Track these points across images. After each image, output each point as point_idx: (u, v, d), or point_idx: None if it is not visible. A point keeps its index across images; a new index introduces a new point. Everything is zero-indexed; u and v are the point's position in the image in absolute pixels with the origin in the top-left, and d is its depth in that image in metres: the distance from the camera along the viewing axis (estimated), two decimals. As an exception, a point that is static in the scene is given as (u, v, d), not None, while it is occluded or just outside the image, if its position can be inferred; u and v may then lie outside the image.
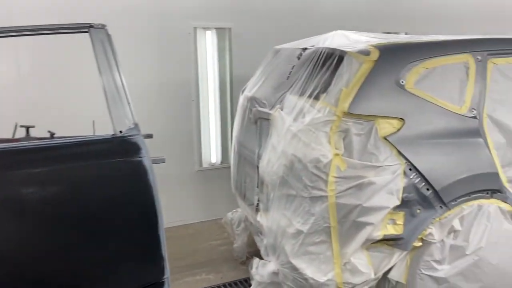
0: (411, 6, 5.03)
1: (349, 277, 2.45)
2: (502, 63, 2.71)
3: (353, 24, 4.42)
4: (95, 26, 1.89)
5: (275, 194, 2.60)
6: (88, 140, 1.80)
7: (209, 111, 4.27)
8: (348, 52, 2.49)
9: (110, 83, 1.84)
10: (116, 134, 1.81)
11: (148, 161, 1.80)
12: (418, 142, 2.38)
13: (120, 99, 1.84)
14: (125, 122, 1.84)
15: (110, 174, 1.75)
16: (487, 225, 2.46)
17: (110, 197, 1.75)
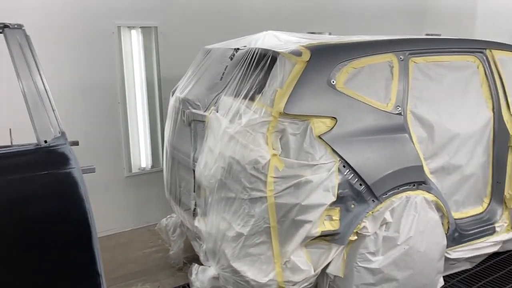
0: (333, 7, 5.20)
1: (290, 276, 2.47)
2: (421, 62, 2.89)
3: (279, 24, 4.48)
4: (11, 26, 1.71)
5: (214, 198, 2.55)
6: (8, 152, 1.62)
7: (137, 113, 4.10)
8: (281, 52, 2.51)
9: (31, 88, 1.67)
10: (40, 145, 1.66)
11: (78, 172, 1.67)
12: (350, 139, 2.46)
13: (44, 105, 1.69)
14: (50, 130, 1.69)
15: (36, 189, 1.59)
16: (415, 215, 2.62)
17: (37, 215, 1.59)
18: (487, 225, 3.18)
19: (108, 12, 3.77)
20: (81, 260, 1.71)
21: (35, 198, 1.60)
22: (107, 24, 3.77)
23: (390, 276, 2.57)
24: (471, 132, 3.04)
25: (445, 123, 2.91)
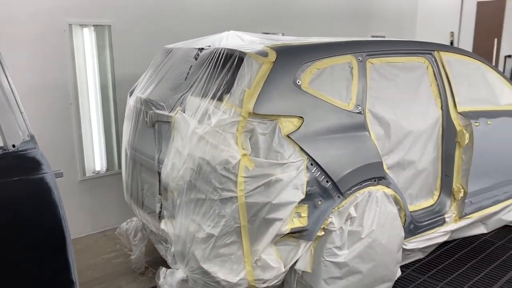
0: (284, 9, 5.29)
1: (261, 274, 2.50)
2: (377, 63, 3.03)
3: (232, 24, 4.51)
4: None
5: (182, 200, 2.53)
6: (-27, 158, 1.52)
7: (91, 114, 3.95)
8: (248, 53, 2.53)
9: (-4, 90, 1.58)
10: (8, 149, 1.56)
11: (51, 177, 1.59)
12: (317, 138, 2.53)
13: (11, 107, 1.59)
14: (19, 134, 1.60)
15: (6, 197, 1.50)
16: (376, 210, 2.74)
17: (8, 223, 1.50)
18: (438, 216, 3.38)
19: (59, 9, 3.60)
20: (56, 268, 1.63)
21: (5, 206, 1.50)
22: (58, 22, 3.61)
23: (355, 268, 2.67)
24: (423, 129, 3.22)
25: (400, 121, 3.06)
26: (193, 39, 3.28)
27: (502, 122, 3.60)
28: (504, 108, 3.72)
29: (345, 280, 2.67)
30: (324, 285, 2.62)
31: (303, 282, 2.70)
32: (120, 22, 3.93)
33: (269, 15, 5.15)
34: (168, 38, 4.08)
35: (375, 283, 2.82)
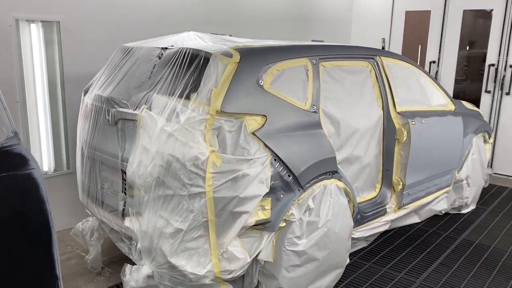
0: (231, 11, 5.42)
1: (227, 265, 2.62)
2: (329, 66, 3.27)
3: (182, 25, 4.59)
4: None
5: (150, 196, 2.57)
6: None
7: (38, 113, 3.81)
8: (213, 53, 2.64)
9: (-21, 85, 1.55)
10: (-8, 146, 1.55)
11: (38, 173, 1.60)
12: (279, 135, 2.70)
13: (-6, 104, 1.58)
14: (3, 130, 1.58)
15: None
16: (330, 201, 2.96)
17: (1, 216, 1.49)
18: (380, 207, 3.70)
19: (4, 3, 3.45)
20: (42, 262, 1.63)
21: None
22: (2, 17, 3.45)
23: (313, 256, 2.88)
24: (367, 127, 3.51)
25: (348, 120, 3.33)
26: (152, 39, 3.32)
27: (434, 121, 4.01)
28: (435, 108, 4.14)
29: (304, 268, 2.86)
30: (285, 273, 2.79)
31: (265, 271, 2.85)
32: (70, 18, 3.84)
33: (216, 17, 5.26)
34: (119, 37, 4.05)
35: (329, 270, 3.05)
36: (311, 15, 6.67)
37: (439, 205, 4.48)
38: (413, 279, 3.42)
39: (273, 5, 5.99)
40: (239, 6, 5.51)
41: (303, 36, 6.61)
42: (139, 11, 4.38)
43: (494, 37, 6.14)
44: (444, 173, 4.28)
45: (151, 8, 4.49)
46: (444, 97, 4.38)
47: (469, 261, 3.73)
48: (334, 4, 7.04)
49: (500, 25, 6.06)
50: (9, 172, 1.53)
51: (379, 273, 3.50)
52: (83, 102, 3.33)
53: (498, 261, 3.73)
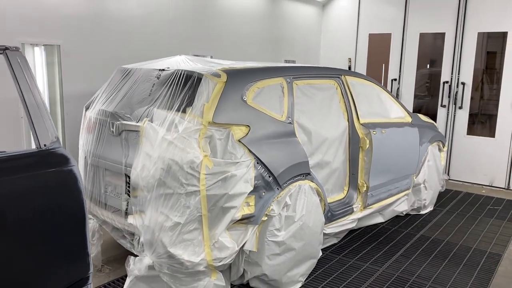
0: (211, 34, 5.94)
1: (218, 254, 3.06)
2: (301, 84, 3.81)
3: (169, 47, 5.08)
4: (10, 49, 1.99)
5: (152, 195, 3.01)
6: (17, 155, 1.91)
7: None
8: (205, 74, 3.13)
9: (31, 100, 1.98)
10: (41, 148, 1.98)
11: (77, 169, 2.04)
12: (261, 142, 3.20)
13: (42, 115, 2.01)
14: (48, 136, 2.02)
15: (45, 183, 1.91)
16: (305, 199, 3.46)
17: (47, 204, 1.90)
18: (348, 207, 4.23)
19: (12, 29, 3.86)
20: (77, 241, 2.06)
21: (45, 190, 1.92)
22: (11, 41, 3.85)
23: (291, 246, 3.35)
24: (335, 137, 4.05)
25: (318, 130, 3.86)
26: (149, 61, 3.78)
27: (393, 131, 4.59)
28: (393, 120, 4.74)
29: (283, 256, 3.33)
30: (267, 260, 3.26)
31: (249, 260, 3.31)
32: (68, 42, 4.26)
33: (199, 41, 5.77)
34: (114, 59, 4.51)
35: (304, 259, 3.53)
36: (284, 38, 7.27)
37: (400, 206, 5.05)
38: (377, 268, 3.94)
39: (249, 29, 6.56)
40: (219, 31, 6.05)
41: (277, 57, 7.20)
42: (133, 36, 4.85)
43: (447, 57, 6.88)
44: (403, 177, 4.86)
45: (143, 33, 4.96)
46: (402, 111, 4.99)
47: (426, 252, 4.29)
48: (304, 28, 7.68)
49: (452, 47, 6.81)
50: (55, 168, 1.97)
51: (348, 264, 4.00)
52: (85, 116, 3.75)
53: (450, 252, 4.30)
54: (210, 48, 5.95)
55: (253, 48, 6.70)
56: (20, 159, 1.91)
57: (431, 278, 3.76)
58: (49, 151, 2.00)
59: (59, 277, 2.01)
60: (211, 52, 5.92)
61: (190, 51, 5.46)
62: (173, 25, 5.33)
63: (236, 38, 6.34)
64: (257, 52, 6.79)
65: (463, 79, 6.76)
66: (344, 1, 7.80)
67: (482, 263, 4.08)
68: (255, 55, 6.70)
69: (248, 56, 6.51)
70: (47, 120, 2.03)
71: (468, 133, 6.85)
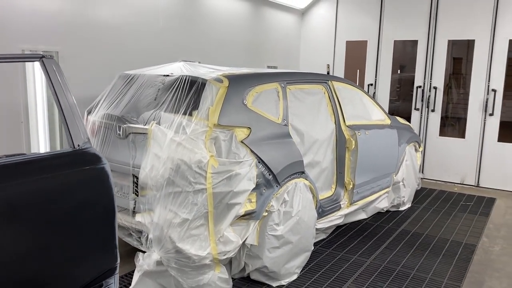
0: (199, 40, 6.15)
1: (223, 248, 3.27)
2: (293, 89, 4.07)
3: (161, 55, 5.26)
4: (46, 57, 2.15)
5: (161, 194, 3.18)
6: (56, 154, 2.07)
7: (38, 132, 4.29)
8: (208, 80, 3.35)
9: (66, 104, 2.15)
10: (75, 148, 2.15)
11: (108, 167, 2.21)
12: (261, 143, 3.43)
13: (75, 118, 2.18)
14: (81, 137, 2.19)
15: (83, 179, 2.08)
16: (300, 196, 3.71)
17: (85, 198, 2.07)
18: (335, 203, 4.51)
19: (13, 36, 3.96)
20: (108, 234, 2.23)
21: (82, 186, 2.09)
22: (11, 48, 3.95)
23: (288, 239, 3.60)
24: (324, 138, 4.33)
25: (310, 132, 4.13)
26: (150, 67, 3.96)
27: (375, 133, 4.92)
28: (375, 122, 5.07)
29: (281, 249, 3.57)
30: (267, 253, 3.49)
31: (251, 253, 3.52)
32: (66, 49, 4.38)
33: (186, 46, 5.96)
34: (107, 65, 4.65)
35: (300, 252, 3.78)
36: (265, 44, 7.55)
37: (382, 203, 5.38)
38: (365, 259, 4.23)
39: (233, 36, 6.81)
40: (205, 37, 6.26)
41: (259, 63, 7.46)
42: (126, 43, 5.00)
43: (420, 63, 7.32)
44: (384, 175, 5.20)
45: (135, 40, 5.12)
46: (382, 114, 5.34)
47: (408, 245, 4.62)
48: (285, 34, 7.99)
49: (424, 53, 7.25)
50: (90, 166, 2.15)
51: (338, 256, 4.28)
52: (87, 120, 3.88)
53: (430, 244, 4.64)
54: (197, 54, 6.14)
55: (237, 54, 6.94)
56: (60, 158, 2.08)
57: (415, 267, 4.08)
58: (82, 150, 2.17)
59: (92, 266, 2.18)
60: (198, 57, 6.11)
61: (179, 57, 5.65)
62: (163, 32, 5.51)
63: (221, 45, 6.57)
64: (241, 58, 7.03)
65: (435, 84, 7.21)
66: (322, 10, 8.15)
67: (459, 253, 4.44)
68: (239, 60, 6.94)
69: (232, 61, 6.74)
70: (79, 121, 2.20)
71: (440, 134, 7.30)
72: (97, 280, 2.23)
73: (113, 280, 2.32)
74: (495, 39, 6.67)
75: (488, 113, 6.80)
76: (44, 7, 4.20)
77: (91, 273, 2.19)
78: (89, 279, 2.18)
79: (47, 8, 4.22)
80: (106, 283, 2.29)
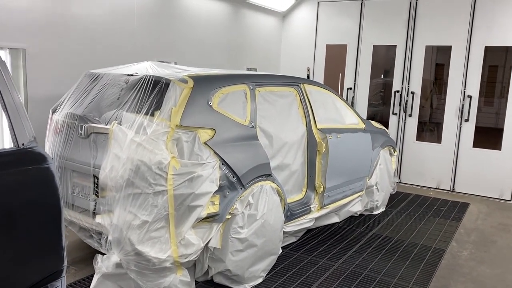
0: (175, 41, 6.10)
1: (184, 250, 3.22)
2: (263, 91, 4.05)
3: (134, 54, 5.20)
4: (-10, 53, 2.09)
5: (121, 195, 3.13)
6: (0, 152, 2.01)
7: (3, 129, 4.20)
8: (172, 80, 3.30)
9: (10, 102, 2.09)
10: (19, 147, 2.09)
11: (54, 167, 2.16)
12: (225, 144, 3.40)
13: (20, 115, 2.12)
14: (26, 135, 2.13)
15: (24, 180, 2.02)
16: (266, 198, 3.68)
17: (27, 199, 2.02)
18: (306, 206, 4.49)
19: (-23, 32, 3.88)
20: (53, 234, 2.17)
21: (24, 186, 2.03)
22: (-25, 44, 3.88)
23: (253, 242, 3.56)
24: (294, 141, 4.31)
25: (279, 134, 4.10)
26: (116, 66, 3.90)
27: (347, 136, 4.92)
28: (348, 126, 5.07)
29: (246, 252, 3.53)
30: (231, 256, 3.45)
31: (214, 257, 3.48)
32: (34, 46, 4.31)
33: (163, 46, 5.91)
34: (79, 64, 4.58)
35: (265, 255, 3.74)
36: (246, 46, 7.53)
37: (355, 207, 5.38)
38: (333, 263, 4.22)
39: (212, 37, 6.77)
40: (183, 38, 6.22)
41: (239, 64, 7.43)
42: (98, 41, 4.93)
43: (398, 67, 7.35)
44: (357, 179, 5.20)
45: (109, 39, 5.05)
46: (356, 117, 5.34)
47: (377, 249, 4.61)
48: (265, 37, 7.97)
49: (402, 58, 7.29)
50: (33, 166, 2.09)
51: (305, 260, 4.25)
52: (51, 119, 3.81)
53: (399, 248, 4.65)
54: (174, 55, 6.10)
55: (216, 56, 6.91)
56: (1, 156, 2.02)
57: (382, 272, 4.07)
58: (27, 149, 2.11)
59: (35, 269, 2.12)
60: (175, 58, 6.07)
61: (155, 57, 5.60)
62: (138, 31, 5.45)
63: (199, 46, 6.53)
64: (220, 60, 7.00)
65: (413, 89, 7.25)
66: (303, 13, 8.16)
67: (428, 257, 4.45)
68: (218, 62, 6.90)
69: (211, 63, 6.70)
70: (25, 120, 2.14)
71: (417, 139, 7.33)
72: (41, 283, 2.17)
73: (59, 283, 2.27)
74: (471, 45, 6.73)
75: (464, 119, 6.86)
76: (12, 3, 4.12)
77: (34, 276, 2.13)
78: (32, 281, 2.12)
79: (15, 5, 4.14)
80: (51, 286, 2.23)
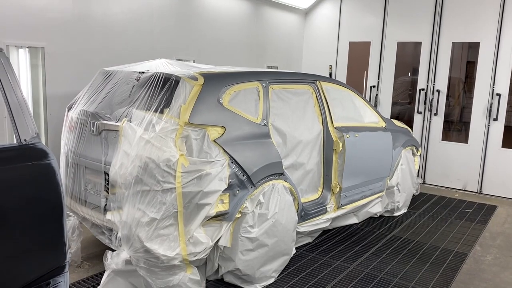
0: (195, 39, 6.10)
1: (192, 249, 3.20)
2: (277, 88, 3.98)
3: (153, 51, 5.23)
4: (-5, 50, 2.13)
5: (130, 192, 3.14)
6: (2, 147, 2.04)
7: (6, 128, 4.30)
8: (182, 77, 3.28)
9: (13, 98, 2.12)
10: (22, 143, 2.11)
11: (56, 163, 2.17)
12: (235, 143, 3.36)
13: (23, 112, 2.14)
14: (29, 131, 2.15)
15: (26, 175, 2.04)
16: (278, 197, 3.62)
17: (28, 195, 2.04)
18: (321, 207, 4.40)
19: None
20: (55, 230, 2.18)
21: (25, 182, 2.05)
22: (-4, 42, 3.97)
23: (263, 242, 3.51)
24: (309, 139, 4.23)
25: (293, 133, 4.03)
26: (130, 64, 3.93)
27: (366, 135, 4.79)
28: (367, 125, 4.94)
29: (256, 252, 3.48)
30: (241, 256, 3.41)
31: (224, 255, 3.45)
32: (53, 45, 4.39)
33: (182, 45, 5.92)
34: (96, 62, 4.64)
35: (277, 255, 3.68)
36: (267, 44, 7.47)
37: (374, 208, 5.24)
38: (348, 265, 4.11)
39: (233, 35, 6.74)
40: (203, 36, 6.21)
41: (260, 63, 7.38)
42: (116, 39, 4.98)
43: (423, 65, 7.13)
44: (377, 179, 5.06)
45: (127, 37, 5.10)
46: (376, 116, 5.20)
47: (396, 251, 4.47)
48: (287, 34, 7.89)
49: (428, 55, 7.06)
50: (35, 162, 2.10)
51: (320, 261, 4.17)
52: (67, 116, 3.87)
53: (419, 251, 4.49)
54: (193, 53, 6.11)
55: (237, 54, 6.88)
56: (3, 152, 2.04)
57: (399, 275, 3.94)
58: (29, 145, 2.13)
59: (37, 264, 2.13)
60: (194, 57, 6.08)
61: (174, 56, 5.62)
62: (156, 30, 5.48)
63: (219, 44, 6.52)
64: (241, 58, 6.97)
65: (438, 87, 7.01)
66: (326, 10, 8.03)
67: (448, 261, 4.28)
68: (238, 60, 6.88)
69: (231, 61, 6.68)
70: (27, 116, 2.16)
71: (443, 138, 7.10)
72: (43, 279, 2.18)
73: (62, 279, 2.28)
74: (500, 41, 6.45)
75: (492, 118, 6.59)
76: (31, 2, 4.20)
77: (35, 271, 2.14)
78: (33, 277, 2.14)
79: (34, 4, 4.23)
80: (54, 281, 2.24)
